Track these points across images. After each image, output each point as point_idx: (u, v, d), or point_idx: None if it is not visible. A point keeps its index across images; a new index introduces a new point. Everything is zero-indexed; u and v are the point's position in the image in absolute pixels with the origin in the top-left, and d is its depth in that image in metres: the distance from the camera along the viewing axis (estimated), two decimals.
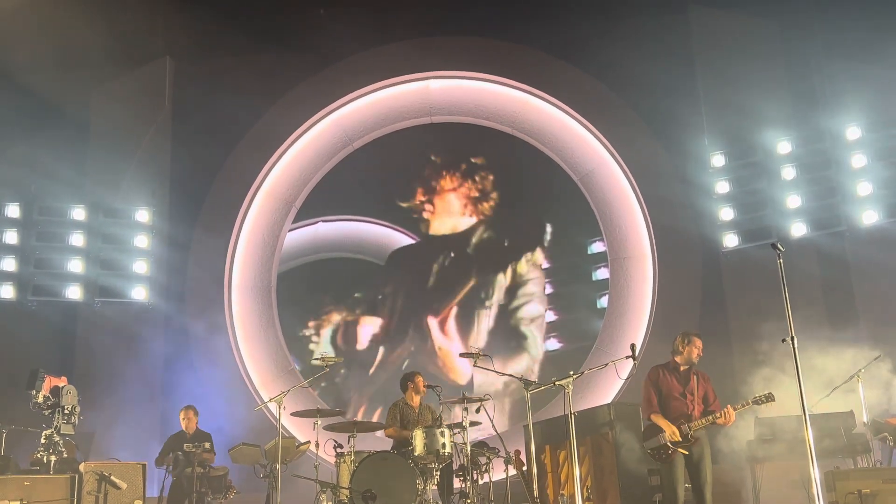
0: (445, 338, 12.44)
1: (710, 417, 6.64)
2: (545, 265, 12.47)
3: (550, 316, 12.34)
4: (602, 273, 12.14)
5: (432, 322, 12.51)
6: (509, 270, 12.50)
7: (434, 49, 12.69)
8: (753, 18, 11.63)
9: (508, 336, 12.31)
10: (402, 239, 12.97)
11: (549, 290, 12.42)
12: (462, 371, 12.21)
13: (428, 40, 12.68)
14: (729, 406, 6.62)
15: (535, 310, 12.36)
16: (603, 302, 12.02)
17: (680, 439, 6.64)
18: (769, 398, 6.53)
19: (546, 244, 12.52)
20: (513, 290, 12.47)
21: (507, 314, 12.40)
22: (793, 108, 11.25)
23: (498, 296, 12.47)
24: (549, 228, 12.57)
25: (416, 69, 12.72)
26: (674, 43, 11.98)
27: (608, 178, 12.11)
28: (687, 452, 6.65)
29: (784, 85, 11.30)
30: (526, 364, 12.09)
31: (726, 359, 10.05)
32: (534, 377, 11.52)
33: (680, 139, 11.75)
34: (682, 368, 6.91)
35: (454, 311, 12.50)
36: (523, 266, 12.46)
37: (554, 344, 12.23)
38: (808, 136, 11.17)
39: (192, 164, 12.52)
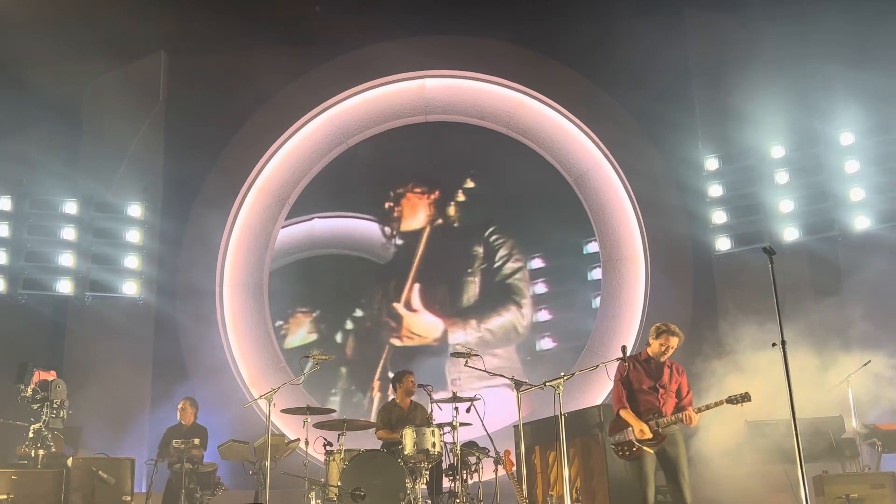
0: (413, 312, 12.48)
1: (674, 417, 6.42)
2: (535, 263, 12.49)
3: (545, 315, 12.36)
4: (597, 273, 12.16)
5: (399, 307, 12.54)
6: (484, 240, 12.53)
7: (430, 48, 12.68)
8: (749, 22, 11.65)
9: (496, 295, 12.38)
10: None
11: (543, 289, 12.45)
12: (434, 330, 12.28)
13: (424, 39, 12.67)
14: (690, 409, 6.43)
15: (515, 266, 12.45)
16: (598, 302, 12.03)
17: (649, 437, 6.38)
18: (745, 398, 6.29)
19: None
20: (490, 255, 12.52)
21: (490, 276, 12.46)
22: (787, 112, 11.26)
23: (478, 263, 12.48)
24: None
25: (412, 67, 12.71)
26: (669, 46, 11.99)
27: (602, 180, 12.12)
28: (652, 451, 6.42)
29: (778, 89, 11.30)
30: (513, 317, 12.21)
31: (716, 362, 10.04)
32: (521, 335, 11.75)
33: (674, 142, 11.76)
34: (652, 361, 6.69)
35: (416, 287, 12.51)
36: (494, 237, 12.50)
37: (548, 343, 12.24)
38: (802, 141, 11.20)
39: (185, 159, 12.50)
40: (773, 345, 5.68)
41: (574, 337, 12.05)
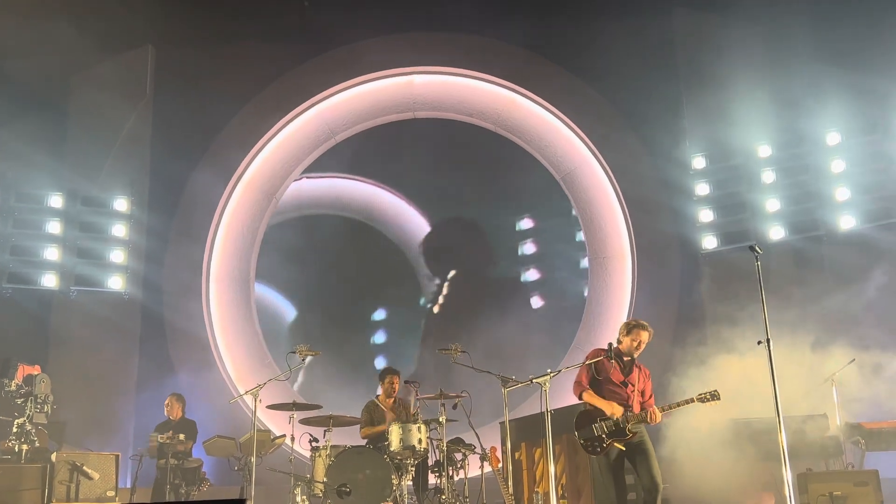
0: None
1: (640, 415, 6.41)
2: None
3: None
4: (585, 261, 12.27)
5: None
6: None
7: (419, 44, 12.66)
8: (737, 22, 11.68)
9: None
10: (386, 196, 12.94)
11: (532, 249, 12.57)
12: None
13: (413, 35, 12.65)
14: (655, 408, 6.42)
15: None
16: (585, 263, 12.17)
17: (620, 417, 6.37)
18: (714, 396, 6.30)
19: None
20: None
21: None
22: (774, 112, 11.32)
23: None
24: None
25: (401, 64, 12.67)
26: (658, 45, 12.04)
27: (590, 178, 12.15)
28: (623, 448, 6.40)
29: (766, 89, 11.36)
30: None
31: (702, 360, 10.09)
32: None
33: (661, 140, 11.80)
34: (625, 358, 6.68)
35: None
36: None
37: (537, 302, 12.44)
38: (789, 141, 11.26)
39: (172, 153, 12.41)
40: (759, 343, 5.71)
41: (562, 296, 12.19)
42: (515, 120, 12.49)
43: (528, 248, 12.73)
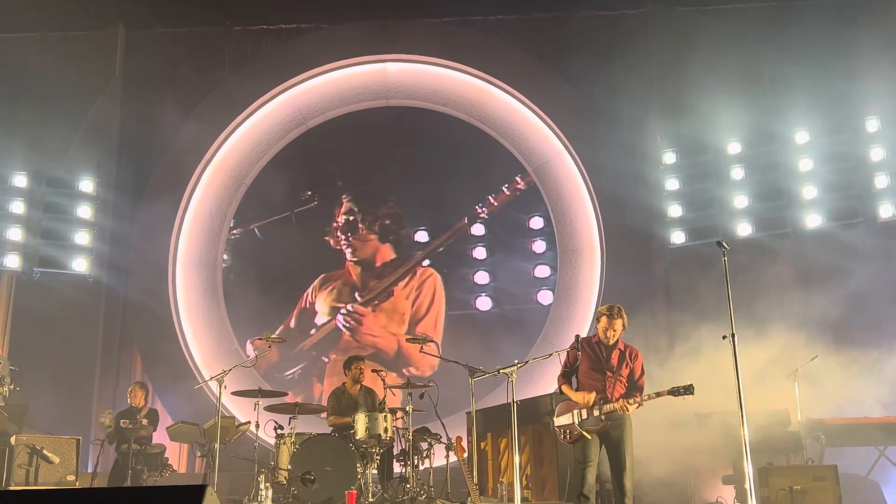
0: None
1: (612, 405, 6.28)
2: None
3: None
4: (539, 246, 12.24)
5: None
6: None
7: (393, 32, 12.59)
8: (711, 19, 11.77)
9: None
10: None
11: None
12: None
13: (388, 22, 12.59)
14: (623, 400, 6.29)
15: None
16: (539, 272, 12.15)
17: (591, 405, 6.29)
18: (688, 390, 6.14)
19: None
20: None
21: None
22: (744, 109, 11.43)
23: None
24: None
25: (375, 51, 12.60)
26: (632, 40, 12.09)
27: (561, 170, 12.18)
28: (591, 437, 6.31)
29: (737, 87, 11.46)
30: None
31: (667, 353, 10.17)
32: None
33: (633, 135, 11.87)
34: (602, 344, 6.56)
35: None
36: None
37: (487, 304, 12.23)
38: (758, 139, 11.37)
39: (140, 135, 12.28)
40: (724, 337, 5.76)
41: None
42: (489, 110, 12.47)
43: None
